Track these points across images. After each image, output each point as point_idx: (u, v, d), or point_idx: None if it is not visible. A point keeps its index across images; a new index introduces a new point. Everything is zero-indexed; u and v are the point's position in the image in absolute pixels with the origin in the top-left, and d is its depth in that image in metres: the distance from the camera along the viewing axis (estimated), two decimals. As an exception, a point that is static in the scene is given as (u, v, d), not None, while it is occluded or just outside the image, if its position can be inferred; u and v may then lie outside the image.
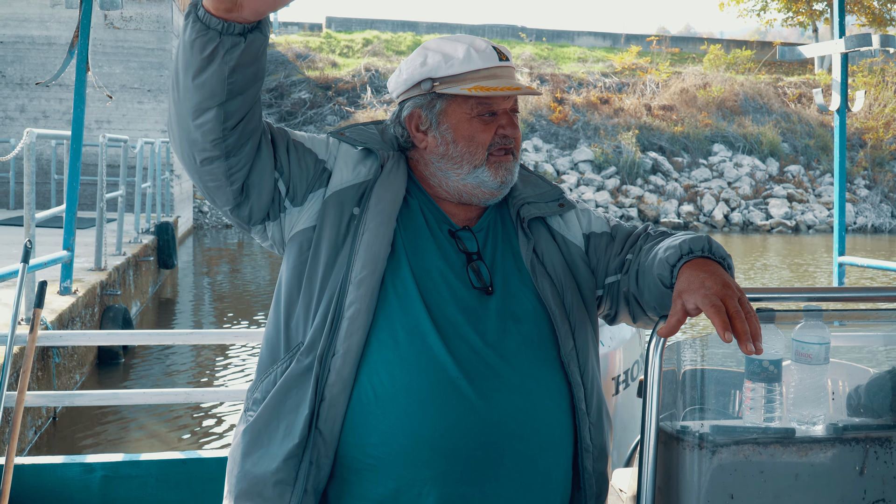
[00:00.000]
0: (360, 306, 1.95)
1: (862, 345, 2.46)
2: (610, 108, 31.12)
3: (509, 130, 2.08)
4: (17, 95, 18.25)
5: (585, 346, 2.08)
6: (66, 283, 8.10)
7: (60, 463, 3.66)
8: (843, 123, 6.32)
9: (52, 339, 4.02)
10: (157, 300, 13.72)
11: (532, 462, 1.97)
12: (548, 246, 2.13)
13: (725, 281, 1.80)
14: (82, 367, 8.55)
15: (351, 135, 2.14)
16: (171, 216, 17.62)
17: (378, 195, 2.03)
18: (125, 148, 11.86)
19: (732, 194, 28.17)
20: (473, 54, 2.05)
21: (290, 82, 31.15)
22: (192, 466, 3.66)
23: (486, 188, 2.09)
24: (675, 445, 2.03)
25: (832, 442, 2.05)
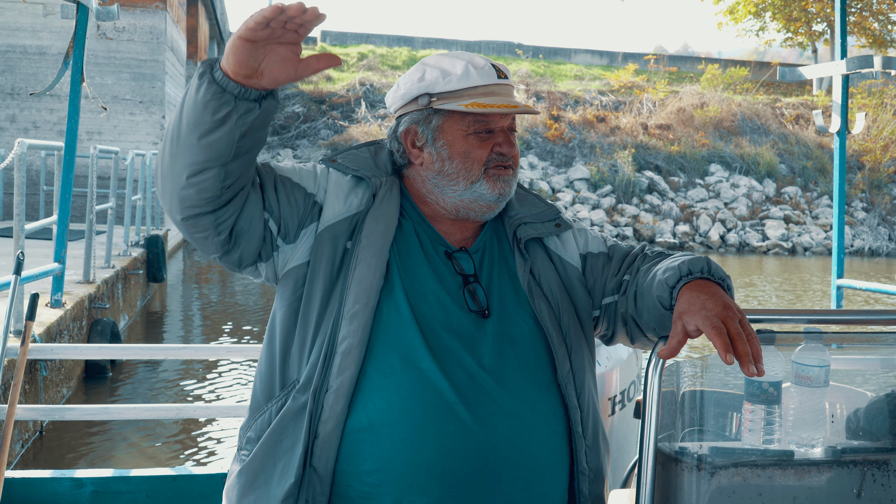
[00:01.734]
0: (352, 341, 1.95)
1: (861, 368, 2.49)
2: (606, 127, 31.21)
3: (506, 149, 2.08)
4: (7, 105, 18.23)
5: (582, 368, 2.09)
6: (58, 295, 8.08)
7: (50, 477, 3.69)
8: (843, 145, 6.33)
9: (44, 353, 4.08)
10: (145, 314, 13.67)
11: (528, 487, 1.98)
12: (544, 267, 2.14)
13: (726, 302, 1.81)
14: (69, 380, 8.55)
15: (343, 161, 2.13)
16: (162, 229, 17.62)
17: (370, 227, 2.03)
18: (116, 160, 11.87)
19: (729, 215, 28.20)
20: (472, 71, 2.07)
21: (284, 96, 31.33)
22: (182, 483, 3.69)
23: (483, 202, 2.09)
24: (674, 467, 2.04)
25: (830, 465, 2.06)
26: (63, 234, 7.51)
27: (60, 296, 8.18)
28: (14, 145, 7.18)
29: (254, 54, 1.75)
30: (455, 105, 2.04)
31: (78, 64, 6.83)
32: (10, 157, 7.19)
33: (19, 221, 7.02)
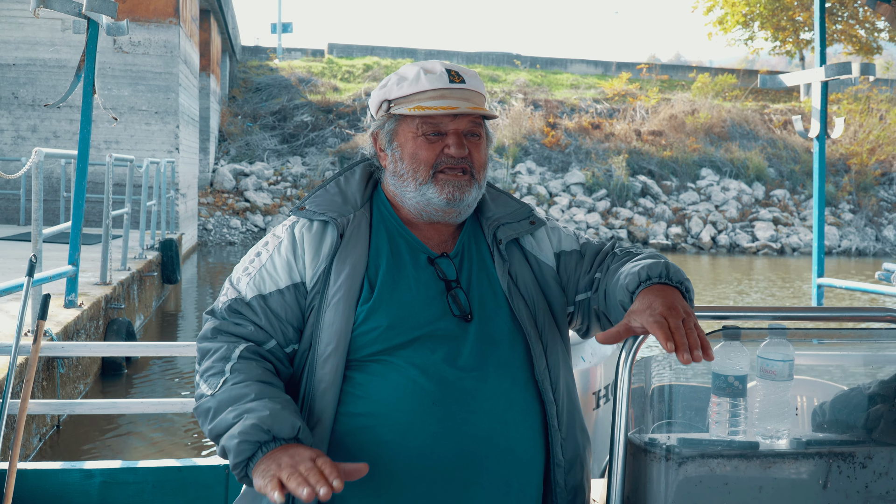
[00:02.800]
0: (325, 385, 2.01)
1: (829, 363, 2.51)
2: (601, 133, 31.54)
3: (454, 150, 2.06)
4: (29, 116, 18.48)
5: (557, 364, 2.11)
6: (72, 296, 8.28)
7: (61, 469, 3.69)
8: (823, 150, 6.34)
9: (55, 350, 4.10)
10: (160, 314, 13.81)
11: (507, 481, 2.02)
12: (521, 268, 2.15)
13: (672, 303, 1.84)
14: (86, 377, 8.68)
15: (310, 206, 2.15)
16: (176, 233, 17.74)
17: (337, 271, 2.05)
18: (131, 167, 12.14)
19: (719, 217, 28.53)
20: (422, 76, 2.08)
21: (293, 106, 31.60)
22: (188, 474, 3.71)
23: (434, 205, 2.09)
24: (644, 457, 2.08)
25: (795, 456, 2.08)
26: (76, 238, 7.59)
27: (74, 296, 8.29)
28: (32, 153, 7.33)
29: None
30: (403, 109, 2.08)
31: (90, 76, 6.90)
32: (28, 164, 7.32)
33: (37, 226, 7.23)
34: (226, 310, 2.08)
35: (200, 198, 25.96)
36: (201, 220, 25.14)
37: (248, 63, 36.89)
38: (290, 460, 1.77)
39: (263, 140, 29.85)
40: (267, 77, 34.44)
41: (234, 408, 1.89)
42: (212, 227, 25.10)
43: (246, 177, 27.70)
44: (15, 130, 18.50)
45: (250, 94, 33.22)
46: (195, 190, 23.88)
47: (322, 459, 1.77)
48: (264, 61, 37.72)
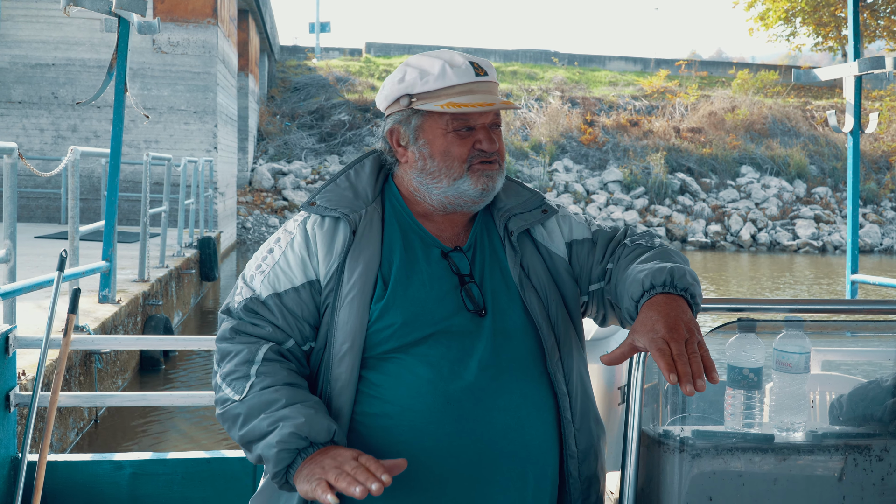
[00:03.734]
0: (342, 384, 2.01)
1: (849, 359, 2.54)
2: (639, 130, 31.48)
3: (486, 145, 2.06)
4: (69, 116, 18.70)
5: (570, 356, 2.10)
6: (105, 291, 8.33)
7: (91, 460, 3.73)
8: (857, 145, 6.26)
9: (85, 343, 4.14)
10: (198, 311, 13.95)
11: (523, 476, 2.01)
12: (533, 259, 2.13)
13: (675, 323, 1.80)
14: (124, 372, 8.79)
15: (321, 202, 2.12)
16: (215, 231, 17.85)
17: (350, 269, 2.04)
18: (168, 166, 12.24)
19: (760, 215, 28.35)
20: (448, 70, 2.04)
21: (331, 105, 31.82)
22: (216, 465, 3.75)
23: (467, 197, 2.07)
24: (658, 449, 2.09)
25: (811, 449, 2.09)
26: (110, 234, 7.60)
27: (108, 292, 8.32)
28: (68, 152, 7.48)
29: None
30: (432, 105, 2.03)
31: (121, 74, 6.93)
32: (64, 162, 7.48)
33: (74, 224, 7.39)
34: (242, 309, 2.07)
35: (239, 196, 26.18)
36: (240, 219, 25.35)
37: (286, 63, 37.13)
38: (332, 461, 1.79)
39: (301, 139, 30.03)
40: (305, 76, 34.64)
41: (266, 415, 1.89)
42: (250, 225, 25.31)
43: (284, 176, 27.89)
44: (55, 130, 18.76)
45: (288, 94, 33.43)
46: (234, 189, 24.07)
47: (364, 457, 1.79)
48: (302, 61, 37.95)
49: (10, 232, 5.23)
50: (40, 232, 15.72)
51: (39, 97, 18.69)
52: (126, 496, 3.67)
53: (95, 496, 3.66)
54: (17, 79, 18.55)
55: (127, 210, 16.82)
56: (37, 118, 18.73)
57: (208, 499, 3.72)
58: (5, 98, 18.49)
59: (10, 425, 3.63)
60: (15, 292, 4.07)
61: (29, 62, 18.59)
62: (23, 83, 18.61)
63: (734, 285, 19.12)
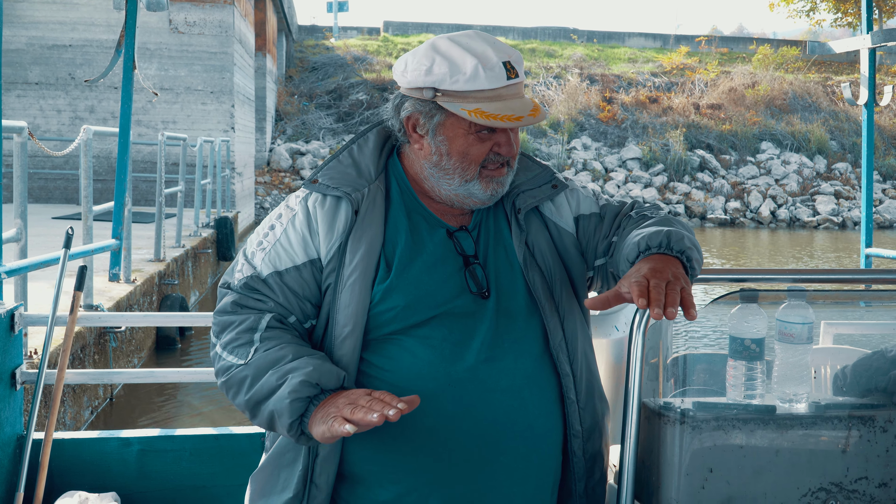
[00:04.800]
0: (346, 362, 1.98)
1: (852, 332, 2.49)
2: (658, 107, 31.37)
3: (505, 150, 2.01)
4: (86, 97, 18.75)
5: (574, 335, 2.07)
6: (115, 269, 8.32)
7: (98, 437, 3.70)
8: (871, 117, 6.24)
9: (92, 320, 4.15)
10: (215, 290, 13.80)
11: (527, 456, 2.01)
12: (539, 236, 2.10)
13: (661, 269, 1.79)
14: (140, 351, 8.81)
15: (323, 180, 2.09)
16: (232, 212, 17.92)
17: (352, 249, 2.01)
18: (184, 146, 12.21)
19: (780, 191, 28.25)
20: (480, 73, 1.95)
21: (349, 84, 31.82)
22: (224, 441, 3.73)
23: (476, 198, 2.04)
24: (658, 421, 2.08)
25: (814, 420, 2.06)
26: (120, 212, 7.55)
27: (118, 270, 8.30)
28: (80, 131, 7.48)
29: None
30: (459, 108, 1.96)
31: (130, 52, 6.89)
32: (77, 141, 7.46)
33: (87, 203, 7.40)
34: (242, 286, 2.04)
35: (258, 177, 26.24)
36: (258, 199, 25.40)
37: (304, 42, 37.12)
38: (346, 400, 1.78)
39: (319, 119, 30.05)
40: (323, 56, 34.63)
41: (274, 370, 1.87)
42: (269, 205, 25.38)
43: (302, 156, 27.94)
44: (73, 111, 18.83)
45: (306, 74, 33.44)
46: (252, 169, 24.11)
47: (378, 392, 1.78)
48: (320, 40, 37.95)
49: (20, 211, 5.23)
50: (58, 213, 15.79)
51: (56, 78, 18.74)
52: (134, 473, 3.65)
53: (103, 473, 3.63)
54: (33, 60, 18.60)
55: (144, 191, 16.84)
56: (54, 99, 18.79)
57: (217, 475, 3.70)
58: (22, 79, 18.54)
59: (17, 403, 3.64)
60: (21, 270, 4.07)
61: (46, 43, 18.64)
62: (39, 64, 18.66)
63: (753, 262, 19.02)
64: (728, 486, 2.05)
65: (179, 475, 3.70)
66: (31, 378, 3.67)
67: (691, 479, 2.04)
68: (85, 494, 3.47)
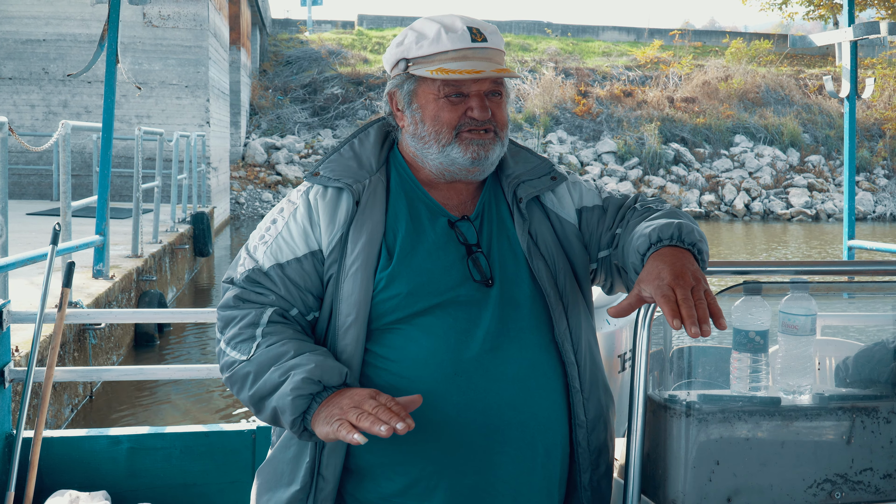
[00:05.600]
0: (349, 353, 1.98)
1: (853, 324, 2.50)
2: (633, 101, 31.45)
3: (477, 113, 2.00)
4: (60, 91, 18.64)
5: (578, 324, 2.06)
6: (100, 266, 8.26)
7: (87, 436, 3.69)
8: (853, 110, 6.28)
9: (80, 317, 4.11)
10: (193, 286, 13.96)
11: (532, 445, 2.00)
12: (542, 226, 2.10)
13: (681, 271, 1.78)
14: (119, 348, 8.71)
15: (325, 172, 2.10)
16: (208, 207, 17.86)
17: (354, 239, 2.02)
18: (160, 141, 12.12)
19: (753, 184, 28.41)
20: (443, 35, 2.00)
21: (323, 78, 31.71)
22: (215, 438, 3.74)
23: (460, 165, 2.03)
24: (664, 414, 2.06)
25: (818, 411, 2.06)
26: (103, 208, 7.42)
27: (103, 266, 8.23)
28: (59, 126, 7.34)
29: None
30: (423, 70, 2.00)
31: (112, 46, 6.89)
32: (55, 137, 7.33)
33: (65, 199, 7.21)
34: (244, 280, 2.04)
35: (232, 171, 26.12)
36: (233, 194, 25.29)
37: (278, 36, 36.95)
38: (349, 401, 1.77)
39: (294, 113, 29.94)
40: (297, 50, 34.50)
41: (276, 367, 1.87)
42: (244, 200, 25.27)
43: (277, 150, 27.83)
44: (46, 106, 18.70)
45: (281, 68, 33.30)
46: (227, 164, 23.99)
47: (382, 396, 1.77)
48: (294, 34, 37.78)
49: (0, 207, 5.17)
50: (32, 209, 15.67)
51: (30, 73, 18.61)
52: (124, 471, 3.64)
53: (92, 472, 3.62)
54: (7, 55, 18.46)
55: (119, 186, 16.72)
56: (27, 94, 18.65)
57: (207, 472, 3.70)
58: (-5, 74, 18.40)
59: (5, 402, 3.60)
60: (7, 267, 4.01)
61: (19, 38, 18.51)
62: (13, 59, 18.52)
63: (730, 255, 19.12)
64: (735, 478, 2.05)
65: (170, 473, 3.69)
66: (19, 376, 3.65)
67: (698, 471, 2.04)
68: (76, 493, 3.45)
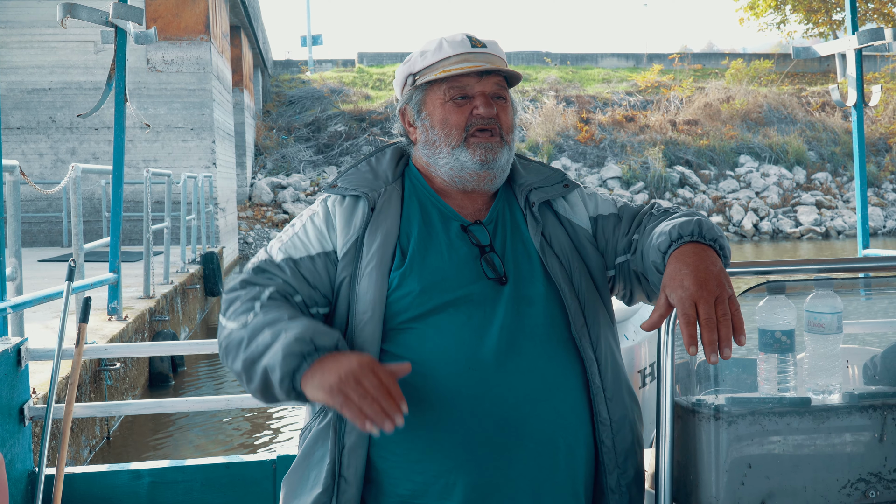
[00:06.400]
0: (367, 350, 1.99)
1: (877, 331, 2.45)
2: (635, 126, 31.49)
3: (483, 110, 2.07)
4: (67, 139, 18.71)
5: (596, 323, 2.07)
6: (114, 303, 8.29)
7: (108, 471, 3.70)
8: (861, 118, 6.25)
9: (97, 352, 4.15)
10: (205, 326, 13.99)
11: (552, 441, 1.99)
12: (555, 230, 2.13)
13: (705, 277, 1.78)
14: (134, 389, 8.80)
15: (342, 183, 2.17)
16: (217, 247, 17.90)
17: (369, 242, 2.06)
18: (168, 182, 12.26)
19: (761, 204, 28.37)
20: (444, 45, 2.11)
21: (326, 116, 31.87)
22: (235, 470, 3.75)
23: (469, 169, 2.09)
24: (692, 419, 2.04)
25: (849, 410, 2.03)
26: (116, 246, 7.40)
27: (117, 304, 8.25)
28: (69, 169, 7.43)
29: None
30: (429, 76, 2.10)
31: (120, 85, 6.86)
32: (66, 180, 7.41)
33: (77, 240, 7.32)
34: (253, 269, 2.11)
35: (240, 212, 26.20)
36: (241, 234, 25.33)
37: (280, 77, 37.17)
38: (347, 370, 1.78)
39: (299, 152, 30.06)
40: (299, 89, 34.70)
41: (269, 328, 1.91)
42: (252, 240, 25.31)
43: (283, 189, 27.91)
44: (54, 154, 18.79)
45: (284, 108, 33.48)
46: (234, 204, 24.08)
47: (383, 374, 1.79)
48: (296, 74, 38.03)
49: (14, 250, 5.19)
50: (43, 256, 15.69)
51: (37, 122, 18.72)
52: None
53: None
54: (14, 105, 18.58)
55: (128, 230, 16.76)
56: (35, 143, 18.76)
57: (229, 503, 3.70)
58: (3, 125, 18.37)
59: (26, 439, 3.61)
60: (24, 305, 4.02)
61: (25, 87, 18.64)
62: (20, 109, 18.64)
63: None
64: (768, 480, 2.02)
65: None
66: (39, 413, 3.65)
67: (730, 476, 2.01)
68: (100, 529, 3.44)
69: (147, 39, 6.06)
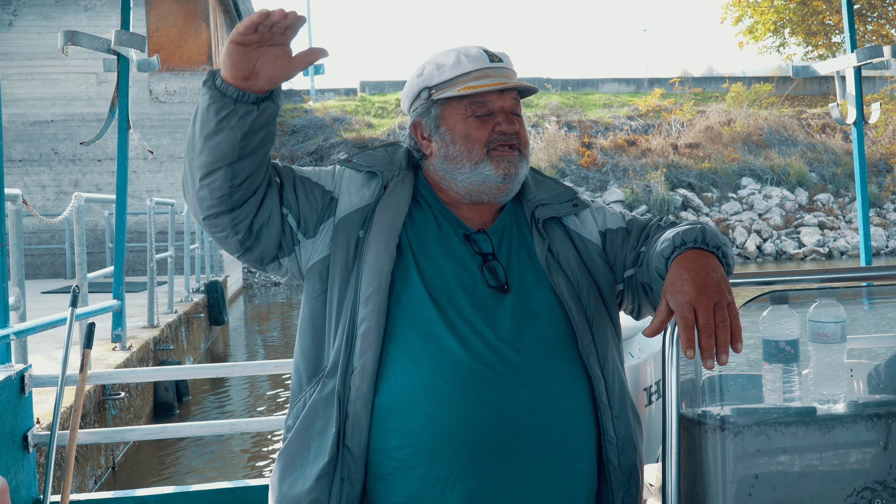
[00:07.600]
0: (370, 323, 1.98)
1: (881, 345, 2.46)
2: (637, 150, 31.51)
3: (506, 126, 2.08)
4: (70, 171, 18.84)
5: (604, 340, 2.06)
6: (118, 330, 8.02)
7: (114, 497, 3.70)
8: (861, 135, 6.23)
9: (102, 378, 4.13)
10: (209, 355, 14.02)
11: (553, 453, 1.98)
12: (563, 245, 2.12)
13: (705, 283, 1.78)
14: (139, 419, 8.80)
15: (358, 160, 2.18)
16: (221, 276, 18.01)
17: (380, 215, 2.06)
18: (172, 211, 12.33)
19: (764, 225, 28.32)
20: (463, 59, 2.11)
21: (329, 145, 31.96)
22: (241, 494, 3.72)
23: (491, 183, 2.09)
24: (698, 430, 2.04)
25: (854, 419, 2.03)
26: (120, 273, 7.34)
27: (121, 331, 8.08)
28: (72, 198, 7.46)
29: (247, 57, 1.83)
30: (450, 92, 2.09)
31: (124, 111, 6.80)
32: (69, 209, 7.43)
33: (81, 269, 7.31)
34: None
35: (243, 241, 26.15)
36: (246, 264, 25.28)
37: (283, 106, 37.30)
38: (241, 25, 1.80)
39: (302, 181, 30.11)
40: (302, 119, 34.80)
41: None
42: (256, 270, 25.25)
43: (286, 218, 27.90)
44: (57, 186, 18.87)
45: (287, 137, 33.58)
46: (237, 234, 24.00)
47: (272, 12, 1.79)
48: (298, 104, 38.11)
49: (17, 279, 5.19)
50: (46, 287, 15.73)
51: (40, 154, 18.82)
52: None
53: None
54: (16, 137, 18.67)
55: (132, 261, 16.80)
56: (38, 175, 18.84)
57: None
58: (6, 157, 18.48)
59: (30, 467, 3.59)
60: (27, 331, 4.01)
61: (27, 120, 18.75)
62: (22, 141, 18.74)
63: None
64: (774, 491, 2.02)
65: None
66: (43, 440, 3.63)
67: (738, 486, 2.01)
68: (105, 556, 3.42)
69: (149, 67, 6.02)
